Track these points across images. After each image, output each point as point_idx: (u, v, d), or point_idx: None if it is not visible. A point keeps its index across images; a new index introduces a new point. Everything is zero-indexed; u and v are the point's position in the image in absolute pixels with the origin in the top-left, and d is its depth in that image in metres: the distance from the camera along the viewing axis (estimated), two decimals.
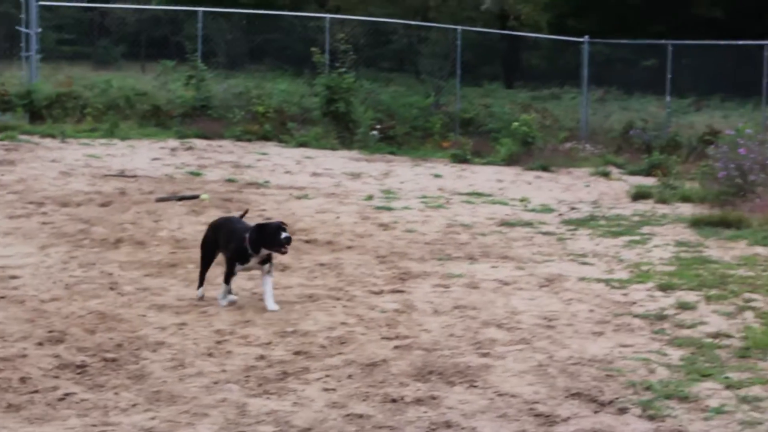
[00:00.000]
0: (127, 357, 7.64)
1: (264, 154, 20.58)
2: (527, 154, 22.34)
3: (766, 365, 7.95)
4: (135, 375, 7.25)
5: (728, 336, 8.76)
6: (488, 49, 33.74)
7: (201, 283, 9.56)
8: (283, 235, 8.98)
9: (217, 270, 9.66)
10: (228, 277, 9.27)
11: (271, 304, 9.10)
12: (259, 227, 9.18)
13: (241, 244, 9.10)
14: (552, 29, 34.10)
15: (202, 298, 9.44)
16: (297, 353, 7.93)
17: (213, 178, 17.16)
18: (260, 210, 14.10)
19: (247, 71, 29.14)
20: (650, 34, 32.22)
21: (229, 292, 9.37)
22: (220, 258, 9.57)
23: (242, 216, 10.18)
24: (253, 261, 9.15)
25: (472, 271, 11.01)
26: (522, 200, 16.63)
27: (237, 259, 9.17)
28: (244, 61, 29.99)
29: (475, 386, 7.29)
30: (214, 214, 13.49)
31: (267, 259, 9.22)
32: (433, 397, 7.02)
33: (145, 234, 12.21)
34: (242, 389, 7.06)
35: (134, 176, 16.78)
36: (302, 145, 22.35)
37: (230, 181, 16.90)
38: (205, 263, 9.64)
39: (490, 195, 17.05)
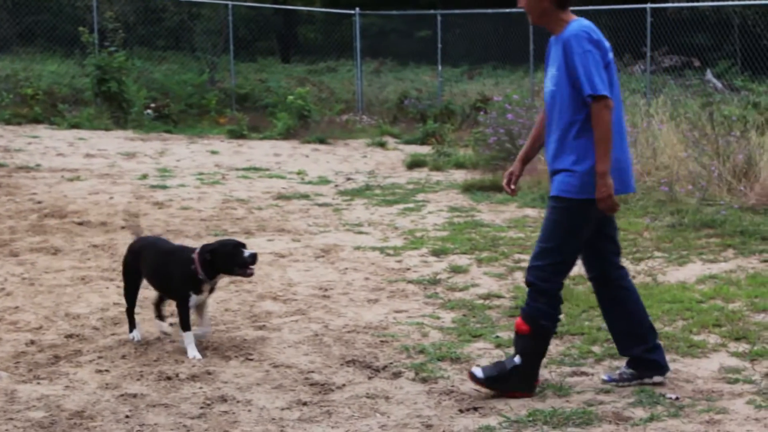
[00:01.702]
0: None
1: (35, 137, 20.10)
2: (304, 127, 22.43)
3: None
4: None
5: (499, 296, 9.00)
6: (262, 24, 33.67)
7: (132, 324, 7.78)
8: (246, 252, 7.44)
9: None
10: (185, 322, 7.37)
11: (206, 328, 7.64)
12: (214, 250, 7.40)
13: (188, 271, 7.38)
14: (325, 2, 34.29)
15: (139, 341, 7.70)
16: (69, 336, 7.80)
17: None
18: (31, 194, 13.77)
19: (15, 54, 28.45)
20: (421, 6, 32.75)
21: (169, 327, 7.87)
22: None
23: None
24: (206, 290, 7.48)
25: (248, 246, 10.99)
26: (299, 173, 16.69)
27: (190, 290, 7.39)
28: (12, 43, 29.25)
29: (250, 359, 7.30)
30: None
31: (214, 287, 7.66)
32: (209, 373, 7.00)
33: None
34: (12, 376, 6.91)
35: None
36: (75, 126, 21.90)
37: (0, 166, 16.46)
38: (131, 297, 7.83)
39: (267, 169, 17.06)
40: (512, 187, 7.00)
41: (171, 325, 7.90)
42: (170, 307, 7.92)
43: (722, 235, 11.06)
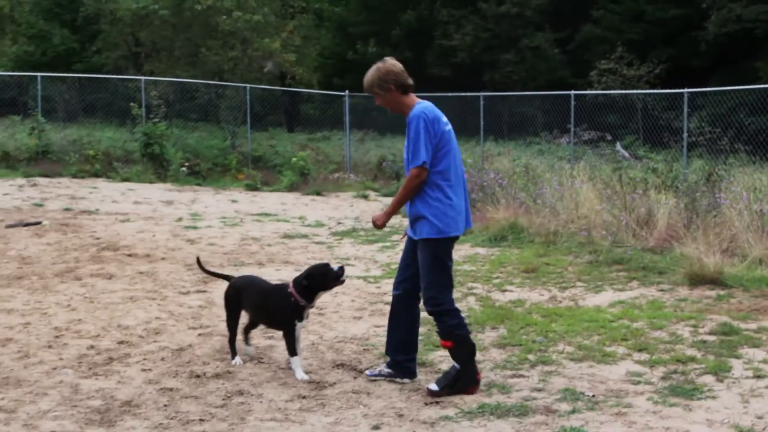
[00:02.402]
0: None
1: (95, 188, 20.04)
2: (304, 182, 22.42)
3: (483, 336, 8.19)
4: None
5: None
6: (272, 102, 33.63)
7: (234, 353, 7.26)
8: (335, 267, 6.91)
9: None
10: (293, 347, 6.86)
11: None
12: (309, 275, 6.89)
13: (290, 303, 6.84)
14: (321, 86, 34.40)
15: (240, 364, 7.19)
16: (120, 343, 7.78)
17: (53, 207, 16.62)
18: (92, 232, 13.72)
19: (80, 123, 28.43)
20: None
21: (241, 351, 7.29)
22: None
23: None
24: (307, 315, 6.95)
25: (260, 273, 10.95)
26: (300, 218, 16.66)
27: (295, 319, 6.85)
28: (78, 115, 29.22)
29: (262, 362, 7.31)
30: (54, 237, 13.11)
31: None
32: (229, 372, 6.99)
33: None
34: (76, 373, 6.88)
35: None
36: (126, 180, 21.85)
37: (67, 209, 16.40)
38: (233, 328, 7.29)
39: (275, 215, 17.02)
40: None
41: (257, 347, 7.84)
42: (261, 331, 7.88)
43: (628, 270, 11.08)
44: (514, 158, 20.16)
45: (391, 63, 6.64)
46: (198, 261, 7.46)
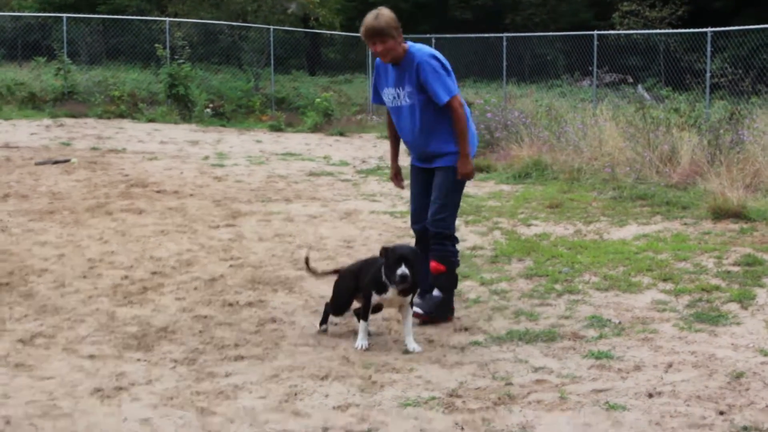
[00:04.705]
0: (17, 281, 7.43)
1: (121, 128, 20.09)
2: (328, 123, 22.44)
3: (510, 267, 8.25)
4: (25, 294, 7.07)
5: (482, 248, 9.04)
6: (295, 45, 33.49)
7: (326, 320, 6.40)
8: (400, 270, 5.79)
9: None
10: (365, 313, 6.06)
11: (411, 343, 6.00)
12: (386, 251, 5.99)
13: (378, 273, 5.99)
14: (344, 29, 34.16)
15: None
16: (154, 273, 7.86)
17: (81, 147, 16.69)
18: (120, 169, 13.81)
19: (105, 65, 28.40)
20: (418, 32, 32.60)
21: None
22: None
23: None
24: (391, 291, 5.93)
25: (287, 209, 11.05)
26: (325, 157, 16.69)
27: (372, 289, 5.99)
28: (101, 58, 29.20)
29: (293, 292, 7.37)
30: (83, 174, 13.20)
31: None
32: (261, 301, 7.07)
33: (27, 189, 11.81)
34: (111, 301, 6.98)
35: (17, 147, 16.19)
36: (151, 121, 21.88)
37: (95, 149, 16.47)
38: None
39: (300, 154, 17.06)
40: (402, 183, 7.33)
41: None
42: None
43: (652, 205, 11.09)
44: (537, 99, 20.08)
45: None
46: (306, 261, 6.92)
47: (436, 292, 6.57)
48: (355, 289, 6.17)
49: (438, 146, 6.56)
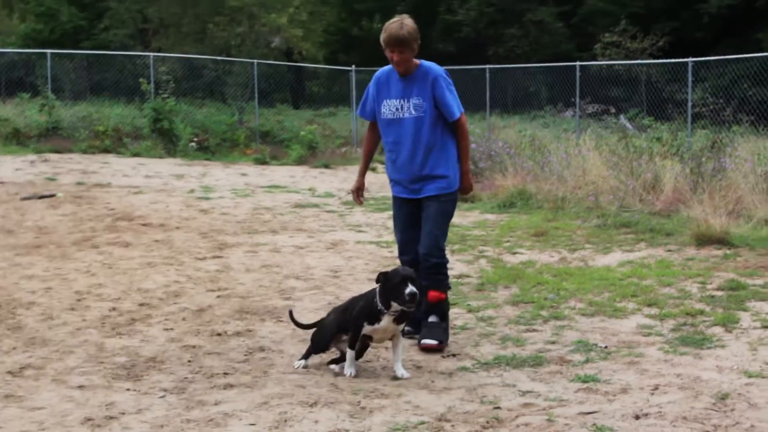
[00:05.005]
0: (5, 314, 7.44)
1: (106, 163, 20.14)
2: (312, 156, 22.55)
3: (496, 294, 8.32)
4: (13, 326, 7.08)
5: (468, 276, 9.11)
6: (278, 80, 33.68)
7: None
8: (408, 289, 5.72)
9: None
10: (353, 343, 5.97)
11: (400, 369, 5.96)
12: (384, 278, 5.91)
13: (370, 303, 5.94)
14: (327, 62, 34.42)
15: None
16: (141, 305, 7.89)
17: (66, 181, 16.73)
18: (106, 203, 13.84)
19: (89, 101, 28.51)
20: None
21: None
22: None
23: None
24: (386, 320, 5.88)
25: (274, 240, 11.11)
26: (310, 189, 16.77)
27: (363, 319, 5.91)
28: (85, 93, 29.32)
29: (281, 321, 7.39)
30: (69, 208, 13.23)
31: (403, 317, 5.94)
32: (250, 330, 7.10)
33: (13, 224, 11.84)
34: (100, 332, 7.00)
35: (2, 182, 16.21)
36: (136, 155, 21.94)
37: (80, 183, 16.51)
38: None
39: (285, 187, 17.13)
40: (361, 198, 7.42)
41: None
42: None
43: (636, 232, 11.19)
44: (520, 129, 20.24)
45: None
46: (290, 315, 6.86)
47: (433, 319, 6.62)
48: (337, 329, 6.11)
49: (433, 165, 6.60)
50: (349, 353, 5.97)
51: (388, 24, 6.57)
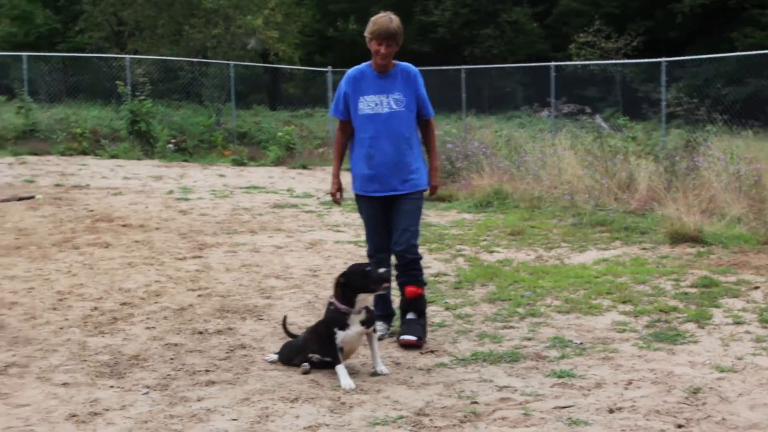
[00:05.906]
0: None
1: (84, 165, 20.13)
2: (290, 157, 22.61)
3: (473, 292, 8.43)
4: None
5: (446, 275, 9.22)
6: (255, 81, 33.78)
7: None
8: (380, 270, 5.91)
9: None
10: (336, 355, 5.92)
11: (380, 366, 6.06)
12: (345, 275, 5.98)
13: (329, 310, 6.02)
14: (303, 63, 34.46)
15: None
16: (123, 304, 7.95)
17: (44, 183, 16.71)
18: (85, 205, 13.86)
19: (66, 103, 28.46)
20: None
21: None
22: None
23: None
24: (355, 321, 5.91)
25: (253, 240, 11.18)
26: (288, 190, 16.83)
27: (333, 327, 5.92)
28: (62, 96, 29.25)
29: (261, 319, 7.49)
30: (48, 210, 13.25)
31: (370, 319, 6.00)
32: (230, 328, 7.18)
33: None
34: (82, 331, 7.07)
35: None
36: (114, 157, 21.95)
37: (58, 185, 16.51)
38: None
39: (263, 187, 17.18)
40: (340, 199, 7.57)
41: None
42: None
43: (611, 231, 11.34)
44: (496, 129, 20.38)
45: None
46: (284, 321, 7.00)
47: (411, 316, 6.73)
48: (300, 350, 6.15)
49: (411, 159, 6.74)
50: (339, 368, 5.84)
51: (376, 18, 6.69)
